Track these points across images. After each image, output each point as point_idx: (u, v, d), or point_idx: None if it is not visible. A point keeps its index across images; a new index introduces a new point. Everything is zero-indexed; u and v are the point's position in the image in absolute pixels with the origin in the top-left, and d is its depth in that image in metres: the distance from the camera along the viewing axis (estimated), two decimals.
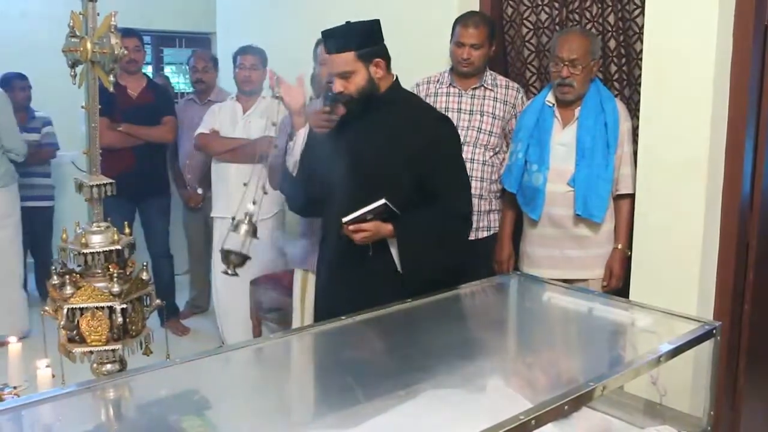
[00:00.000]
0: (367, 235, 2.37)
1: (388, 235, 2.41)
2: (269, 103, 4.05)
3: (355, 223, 2.34)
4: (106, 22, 1.74)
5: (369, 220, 2.35)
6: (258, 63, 4.12)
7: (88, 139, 1.80)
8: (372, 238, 2.40)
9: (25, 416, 1.64)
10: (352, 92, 2.46)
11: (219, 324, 4.36)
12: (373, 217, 2.35)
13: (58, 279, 1.74)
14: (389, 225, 2.40)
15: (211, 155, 4.29)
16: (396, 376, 1.93)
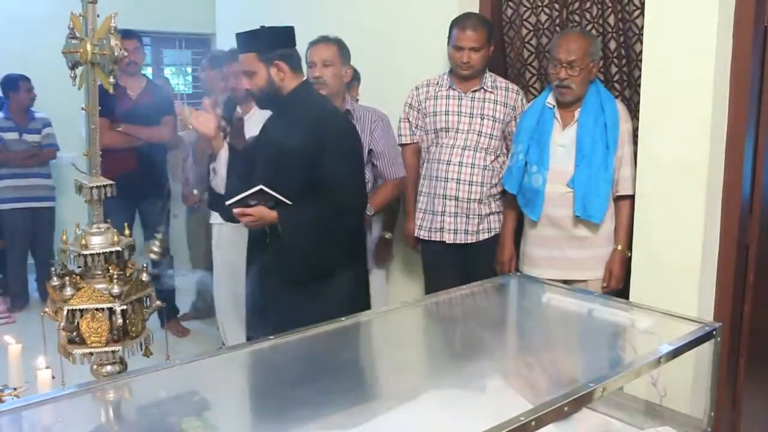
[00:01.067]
0: (250, 219, 2.51)
1: (273, 221, 2.52)
2: None
3: (238, 206, 2.48)
4: (105, 24, 1.74)
5: (253, 205, 2.48)
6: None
7: (88, 141, 1.80)
8: (257, 223, 2.53)
9: (26, 417, 1.64)
10: (255, 90, 2.64)
11: (219, 325, 4.35)
12: (257, 202, 2.48)
13: (58, 280, 1.74)
14: (274, 212, 2.51)
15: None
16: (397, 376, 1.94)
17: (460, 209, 3.25)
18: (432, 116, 3.32)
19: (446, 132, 3.28)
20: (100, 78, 1.75)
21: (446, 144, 3.27)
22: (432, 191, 3.30)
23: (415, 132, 3.41)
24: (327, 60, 3.05)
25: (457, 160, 3.23)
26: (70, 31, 1.82)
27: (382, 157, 3.17)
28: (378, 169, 3.20)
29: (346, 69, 3.13)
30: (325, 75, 3.05)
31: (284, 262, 2.56)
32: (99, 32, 1.73)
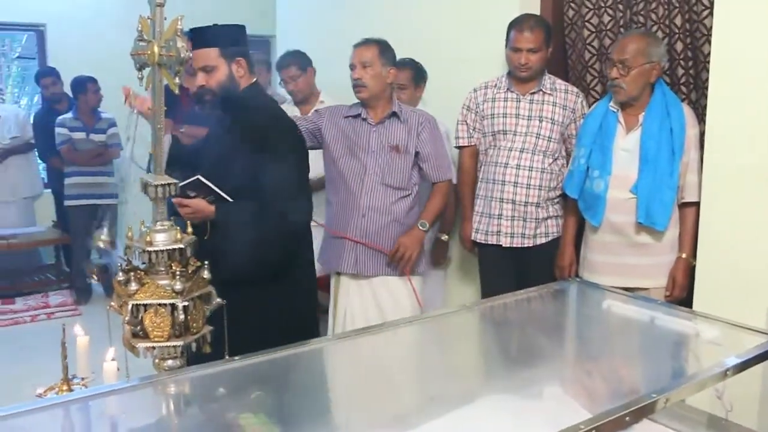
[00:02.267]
0: (188, 210, 2.49)
1: (210, 215, 2.51)
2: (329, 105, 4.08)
3: (178, 197, 2.41)
4: (172, 26, 1.77)
5: (192, 197, 2.47)
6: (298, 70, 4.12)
7: (154, 140, 1.84)
8: (194, 216, 2.48)
9: (92, 407, 1.69)
10: (213, 86, 2.60)
11: None
12: (196, 194, 2.46)
13: (123, 275, 1.78)
14: (212, 207, 2.50)
15: None
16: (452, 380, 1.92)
17: (517, 213, 3.22)
18: (489, 119, 3.30)
19: (504, 134, 3.26)
20: (166, 79, 1.78)
21: (504, 147, 3.24)
22: (489, 194, 3.28)
23: (472, 135, 3.40)
24: (366, 61, 3.04)
25: (515, 163, 3.20)
26: (138, 34, 1.85)
27: (428, 159, 3.15)
28: (424, 172, 3.18)
29: (389, 70, 3.11)
30: (364, 77, 3.04)
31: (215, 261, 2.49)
32: (166, 34, 1.76)
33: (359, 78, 3.03)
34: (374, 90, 3.05)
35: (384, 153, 3.08)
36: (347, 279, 3.16)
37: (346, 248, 3.11)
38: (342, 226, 3.11)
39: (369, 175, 3.07)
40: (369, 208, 3.07)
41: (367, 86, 3.03)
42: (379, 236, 3.09)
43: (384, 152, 3.08)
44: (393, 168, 3.08)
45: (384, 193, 3.08)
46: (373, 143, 3.08)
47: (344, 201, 3.11)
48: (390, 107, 3.12)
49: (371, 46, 3.06)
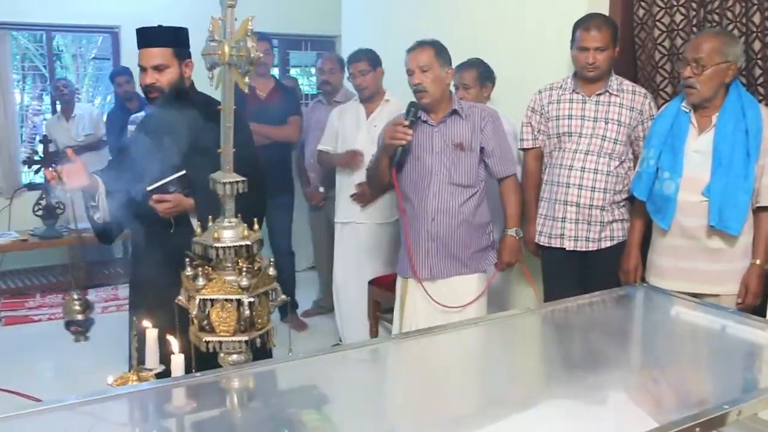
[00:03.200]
0: (168, 205, 2.57)
1: (189, 208, 2.59)
2: (395, 106, 4.09)
3: (158, 192, 2.53)
4: (243, 27, 1.80)
5: (171, 192, 2.54)
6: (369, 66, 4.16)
7: (223, 138, 1.88)
8: (174, 210, 2.58)
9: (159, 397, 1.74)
10: (164, 85, 2.66)
11: (337, 322, 4.45)
12: (175, 189, 2.53)
13: (191, 270, 1.82)
14: (190, 199, 2.59)
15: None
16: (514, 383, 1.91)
17: (581, 216, 3.17)
18: (555, 120, 3.26)
19: (569, 136, 3.21)
20: (236, 78, 1.81)
21: (569, 149, 3.20)
22: (553, 197, 3.24)
23: (537, 137, 3.36)
24: (424, 65, 3.00)
25: (580, 165, 3.15)
26: (210, 34, 1.89)
27: (493, 154, 3.12)
28: (489, 167, 3.15)
29: (447, 70, 3.08)
30: (425, 81, 3.00)
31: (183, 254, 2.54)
32: (237, 35, 1.80)
33: (419, 83, 3.01)
34: (436, 94, 3.03)
35: (448, 152, 3.07)
36: (414, 282, 3.16)
37: (420, 256, 3.10)
38: (414, 233, 3.11)
39: (435, 177, 3.06)
40: (438, 211, 3.07)
41: (428, 91, 3.00)
42: (450, 239, 3.09)
43: (448, 151, 3.07)
44: (459, 166, 3.07)
45: (452, 194, 3.07)
46: (436, 144, 3.07)
47: (414, 207, 3.10)
48: (450, 106, 3.11)
49: (427, 49, 3.03)
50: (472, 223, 3.12)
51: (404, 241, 3.19)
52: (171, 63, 2.67)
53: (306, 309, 5.22)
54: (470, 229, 3.11)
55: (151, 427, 1.65)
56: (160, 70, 2.65)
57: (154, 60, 2.65)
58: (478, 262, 3.16)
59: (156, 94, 2.67)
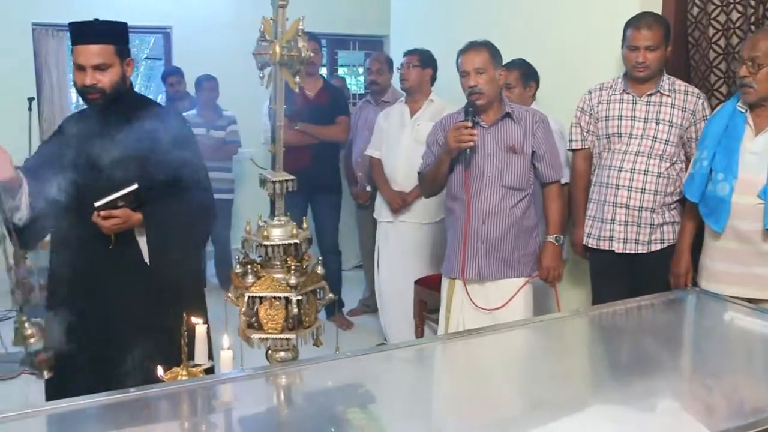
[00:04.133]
0: (117, 222, 2.32)
1: (137, 223, 2.36)
2: (438, 106, 4.08)
3: (106, 208, 2.28)
4: (294, 27, 1.82)
5: (119, 207, 2.31)
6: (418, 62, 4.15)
7: (273, 137, 1.90)
8: (122, 226, 2.34)
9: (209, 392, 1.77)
10: (106, 86, 2.38)
11: (382, 321, 4.46)
12: (124, 204, 2.31)
13: (240, 268, 1.85)
14: (138, 214, 2.35)
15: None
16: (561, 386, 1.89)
17: (631, 218, 3.12)
18: (604, 121, 3.21)
19: (619, 137, 3.16)
20: (287, 78, 1.84)
21: (618, 150, 3.15)
22: (602, 198, 3.20)
23: (586, 137, 3.32)
24: (480, 67, 2.97)
25: (630, 167, 3.10)
26: (261, 34, 1.92)
27: (543, 159, 3.09)
28: (538, 171, 3.12)
29: (500, 72, 3.07)
30: (480, 83, 2.97)
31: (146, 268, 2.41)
32: (287, 35, 1.82)
33: (476, 85, 2.98)
34: (491, 95, 3.02)
35: (501, 154, 3.05)
36: (461, 283, 3.14)
37: (468, 257, 3.08)
38: (462, 234, 3.10)
39: (487, 179, 3.04)
40: (489, 213, 3.05)
41: (484, 92, 2.99)
42: (500, 242, 3.07)
43: (501, 154, 3.05)
44: (511, 169, 3.05)
45: (503, 197, 3.05)
46: (488, 146, 3.06)
47: (464, 208, 3.09)
48: (502, 108, 3.09)
49: (482, 51, 3.01)
50: (521, 226, 3.10)
51: (452, 242, 3.18)
52: (113, 62, 2.39)
53: (352, 308, 5.24)
54: (519, 232, 3.09)
55: (200, 422, 1.68)
56: (101, 70, 2.37)
57: (95, 58, 2.36)
58: (525, 265, 3.14)
59: (96, 96, 2.38)
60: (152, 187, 2.35)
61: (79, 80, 2.39)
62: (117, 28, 2.48)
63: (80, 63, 2.37)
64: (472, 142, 2.94)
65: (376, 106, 4.85)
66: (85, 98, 2.42)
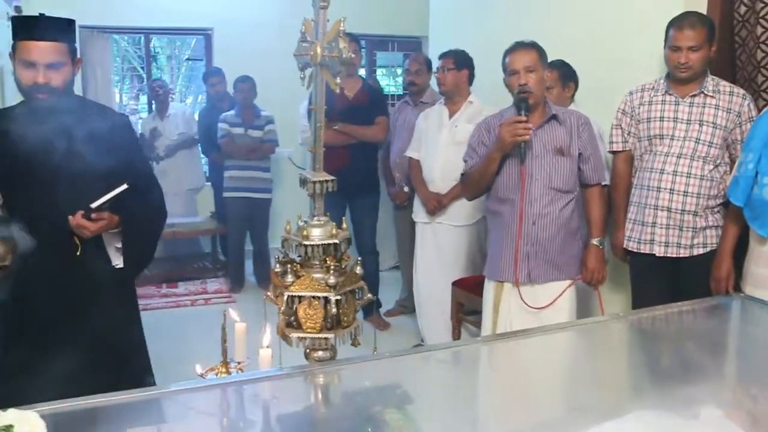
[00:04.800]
0: (103, 224, 2.28)
1: (115, 225, 2.34)
2: (477, 108, 4.07)
3: (98, 211, 2.24)
4: (335, 28, 1.83)
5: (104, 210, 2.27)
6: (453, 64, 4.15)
7: (314, 137, 1.91)
8: (103, 229, 2.30)
9: (247, 390, 1.79)
10: (59, 85, 2.27)
11: (419, 322, 4.46)
12: (108, 207, 2.27)
13: (280, 267, 1.86)
14: (116, 216, 2.32)
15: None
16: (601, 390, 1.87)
17: (672, 221, 3.07)
18: (646, 122, 3.17)
19: (660, 139, 3.12)
20: (328, 79, 1.84)
21: (660, 152, 3.11)
22: (643, 201, 3.16)
23: (627, 139, 3.28)
24: (530, 66, 2.96)
25: (672, 169, 3.06)
26: (302, 35, 1.93)
27: (589, 161, 3.08)
28: (583, 173, 3.10)
29: (547, 73, 3.06)
30: (530, 81, 2.96)
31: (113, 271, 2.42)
32: (328, 36, 1.82)
33: (526, 83, 2.97)
34: (539, 95, 3.01)
35: (548, 156, 3.03)
36: (510, 285, 3.12)
37: (518, 259, 3.06)
38: (510, 236, 3.08)
39: (535, 181, 3.02)
40: (539, 215, 3.03)
41: (533, 91, 2.97)
42: (549, 244, 3.05)
43: (548, 155, 3.03)
44: (559, 171, 3.03)
45: (552, 198, 3.03)
46: (535, 147, 3.04)
47: (513, 210, 3.07)
48: (547, 110, 3.07)
49: (531, 50, 3.00)
50: (568, 228, 3.08)
51: (498, 244, 3.16)
52: (66, 61, 2.29)
53: (389, 308, 5.24)
54: (567, 235, 3.08)
55: (238, 419, 1.70)
56: (55, 69, 2.25)
57: (49, 56, 2.24)
58: (571, 267, 3.12)
59: (46, 95, 2.26)
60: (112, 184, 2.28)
61: (28, 78, 2.25)
62: (69, 26, 2.35)
63: (32, 60, 2.24)
64: (528, 135, 2.92)
65: (415, 107, 4.86)
66: (31, 97, 2.28)
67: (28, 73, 2.25)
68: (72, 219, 2.26)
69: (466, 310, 4.09)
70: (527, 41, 3.06)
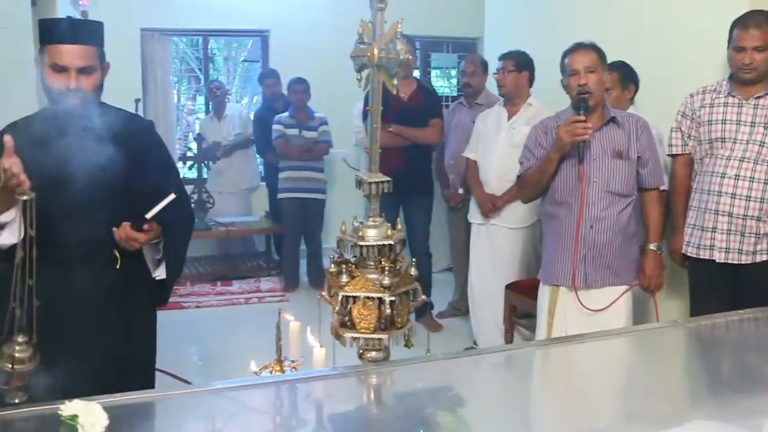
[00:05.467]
0: (152, 235, 2.17)
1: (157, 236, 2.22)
2: (536, 110, 4.03)
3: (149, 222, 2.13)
4: (393, 29, 1.83)
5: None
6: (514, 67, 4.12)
7: (370, 139, 1.92)
8: (153, 239, 2.20)
9: (300, 389, 1.81)
10: (89, 93, 2.15)
11: (473, 324, 4.44)
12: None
13: (335, 267, 1.87)
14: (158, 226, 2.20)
15: None
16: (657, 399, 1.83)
17: (734, 226, 3.00)
18: (707, 125, 3.11)
19: (722, 142, 3.05)
20: (385, 80, 1.85)
21: (722, 155, 3.04)
22: (703, 206, 3.09)
23: (687, 142, 3.22)
24: (590, 67, 2.94)
25: (733, 173, 2.99)
26: (359, 36, 1.94)
27: (647, 164, 3.03)
28: (641, 177, 3.05)
29: (606, 75, 3.02)
30: (590, 82, 2.94)
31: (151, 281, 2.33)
32: (386, 37, 1.83)
33: (586, 83, 2.94)
34: (598, 96, 2.97)
35: (606, 159, 2.99)
36: (566, 290, 3.09)
37: (575, 263, 3.03)
38: (568, 240, 3.05)
39: (594, 184, 2.99)
40: (597, 219, 3.00)
41: (593, 93, 2.94)
42: (607, 248, 3.02)
43: (607, 159, 2.99)
44: (617, 174, 3.00)
45: (610, 202, 3.00)
46: (594, 150, 3.00)
47: (570, 213, 3.04)
48: (606, 113, 3.03)
49: (591, 51, 2.98)
50: (626, 232, 3.04)
51: (554, 248, 3.12)
52: (97, 65, 2.18)
53: (441, 310, 5.23)
54: (624, 239, 3.04)
55: (290, 417, 1.71)
56: (87, 73, 2.14)
57: (81, 60, 2.13)
58: (628, 272, 3.08)
59: (77, 101, 2.12)
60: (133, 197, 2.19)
61: (59, 83, 2.12)
62: (100, 29, 2.23)
63: (63, 64, 2.11)
64: (587, 135, 2.89)
65: (470, 108, 4.84)
66: (60, 102, 2.13)
67: (58, 78, 2.12)
68: (119, 231, 2.15)
69: (519, 314, 4.06)
70: (587, 42, 3.02)
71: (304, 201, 5.87)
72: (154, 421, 1.67)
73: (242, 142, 6.48)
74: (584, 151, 2.96)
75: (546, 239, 3.26)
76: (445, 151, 5.03)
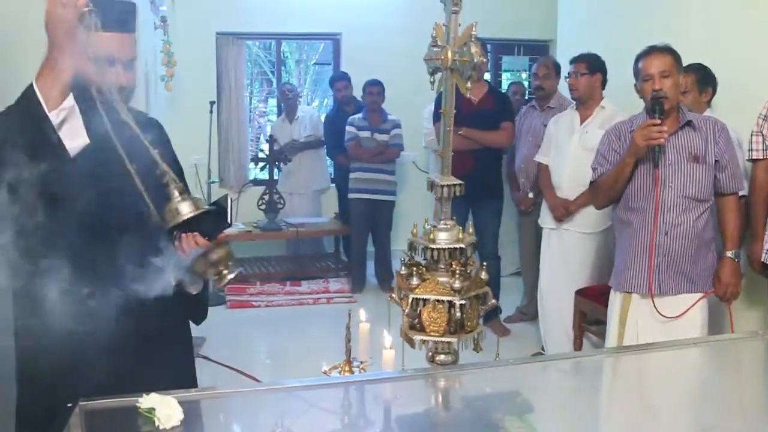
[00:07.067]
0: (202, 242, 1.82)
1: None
2: (609, 113, 3.96)
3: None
4: (467, 32, 1.83)
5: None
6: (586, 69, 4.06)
7: (442, 141, 1.92)
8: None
9: (369, 390, 1.82)
10: (134, 87, 1.87)
11: (541, 330, 4.39)
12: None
13: (405, 270, 1.88)
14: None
15: None
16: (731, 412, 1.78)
17: None
18: None
19: None
20: (458, 83, 1.85)
21: None
22: None
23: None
24: (665, 71, 2.85)
25: None
26: (432, 40, 1.94)
27: (726, 169, 2.92)
28: (719, 182, 2.95)
29: (682, 78, 2.93)
30: (665, 87, 2.85)
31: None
32: (460, 40, 1.83)
33: (661, 88, 2.87)
34: (674, 100, 2.90)
35: (683, 164, 2.91)
36: (638, 297, 3.02)
37: (649, 270, 2.95)
38: (641, 246, 2.98)
39: (669, 189, 2.91)
40: (672, 225, 2.92)
41: (669, 97, 2.87)
42: (682, 255, 2.94)
43: (683, 163, 2.91)
44: (694, 179, 2.91)
45: (686, 208, 2.92)
46: (669, 154, 2.92)
47: (644, 219, 2.97)
48: (681, 116, 2.95)
49: (666, 55, 2.89)
50: (702, 239, 2.94)
51: (627, 254, 3.05)
52: (136, 55, 1.87)
53: (509, 315, 5.19)
54: (700, 246, 2.94)
55: (358, 417, 1.73)
56: (131, 67, 1.84)
57: (130, 51, 1.81)
58: (704, 280, 2.98)
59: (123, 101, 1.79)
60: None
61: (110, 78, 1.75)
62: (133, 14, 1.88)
63: (115, 55, 1.77)
64: (663, 138, 2.82)
65: (541, 111, 4.79)
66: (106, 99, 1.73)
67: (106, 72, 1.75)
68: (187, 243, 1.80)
69: (589, 320, 3.99)
70: (662, 45, 2.94)
71: (374, 202, 5.90)
72: (224, 416, 1.71)
73: (313, 144, 6.57)
74: (659, 156, 2.89)
75: (618, 246, 3.18)
76: (516, 155, 4.98)
